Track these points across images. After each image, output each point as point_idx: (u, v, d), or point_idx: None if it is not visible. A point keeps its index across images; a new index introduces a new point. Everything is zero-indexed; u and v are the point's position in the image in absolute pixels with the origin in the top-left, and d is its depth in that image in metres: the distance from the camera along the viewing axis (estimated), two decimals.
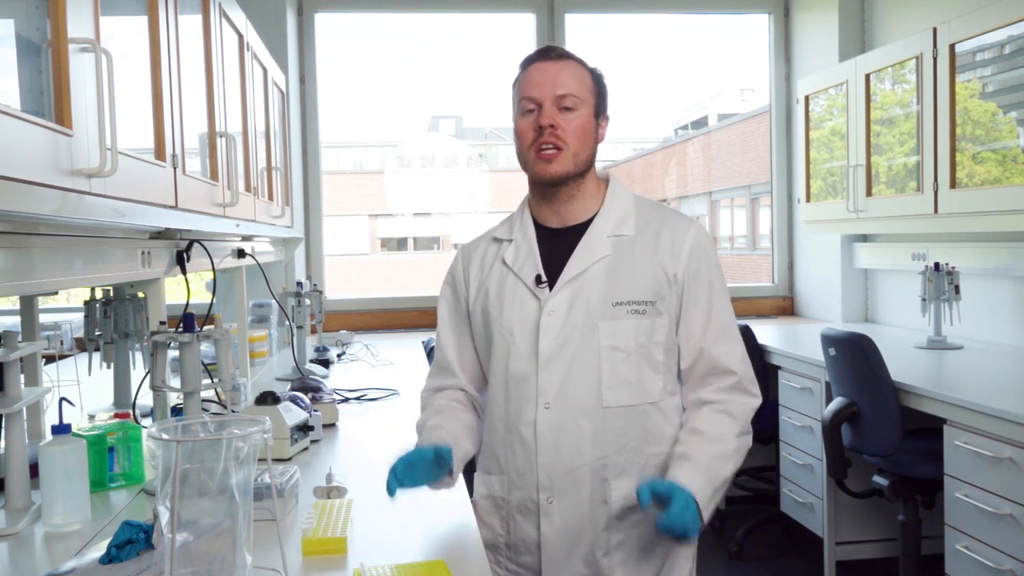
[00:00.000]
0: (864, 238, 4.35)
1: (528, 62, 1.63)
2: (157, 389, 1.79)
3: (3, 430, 1.68)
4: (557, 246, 1.65)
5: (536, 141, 1.58)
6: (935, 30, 3.16)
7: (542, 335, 1.60)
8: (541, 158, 1.58)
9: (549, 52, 1.62)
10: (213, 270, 2.29)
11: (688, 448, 1.56)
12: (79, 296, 3.49)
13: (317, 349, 3.63)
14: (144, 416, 2.23)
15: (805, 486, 3.53)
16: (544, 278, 1.62)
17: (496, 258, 1.70)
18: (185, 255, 2.11)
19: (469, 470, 1.82)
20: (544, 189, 1.64)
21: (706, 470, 1.53)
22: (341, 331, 4.24)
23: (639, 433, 1.60)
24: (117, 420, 1.93)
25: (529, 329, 1.61)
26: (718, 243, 12.37)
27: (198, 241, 2.19)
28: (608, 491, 1.59)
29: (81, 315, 2.52)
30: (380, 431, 2.42)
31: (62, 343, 3.18)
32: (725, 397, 1.61)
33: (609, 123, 1.67)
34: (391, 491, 1.48)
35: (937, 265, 3.50)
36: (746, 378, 1.63)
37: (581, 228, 1.65)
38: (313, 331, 4.00)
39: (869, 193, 3.69)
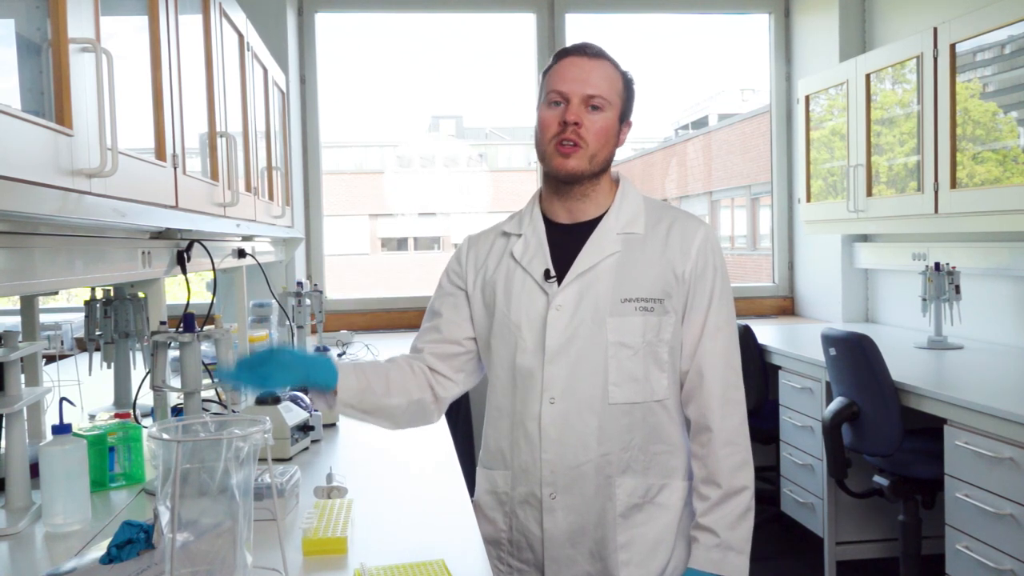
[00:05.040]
0: (864, 238, 4.35)
1: (563, 55, 1.62)
2: (157, 389, 1.79)
3: (3, 430, 1.68)
4: (566, 242, 1.64)
5: (558, 135, 1.58)
6: (935, 30, 3.16)
7: (549, 330, 1.60)
8: (559, 151, 1.58)
9: (585, 49, 1.61)
10: (213, 270, 2.29)
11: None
12: (79, 296, 3.49)
13: (317, 349, 3.63)
14: (144, 416, 2.23)
15: (805, 486, 3.53)
16: (553, 273, 1.62)
17: (504, 252, 1.69)
18: (185, 255, 2.11)
19: (470, 468, 1.82)
20: (558, 184, 1.64)
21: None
22: (341, 331, 4.23)
23: (644, 430, 1.60)
24: (117, 420, 1.93)
25: (536, 324, 1.61)
26: None
27: (198, 241, 2.19)
28: (613, 488, 1.59)
29: (81, 315, 2.52)
30: (380, 431, 2.42)
31: (62, 343, 3.18)
32: (705, 452, 1.61)
33: (631, 129, 1.67)
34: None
35: (937, 265, 3.49)
36: (728, 429, 1.61)
37: (591, 225, 1.65)
38: (313, 331, 3.99)
39: (869, 193, 3.69)
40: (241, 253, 2.81)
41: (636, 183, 1.73)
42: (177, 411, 2.00)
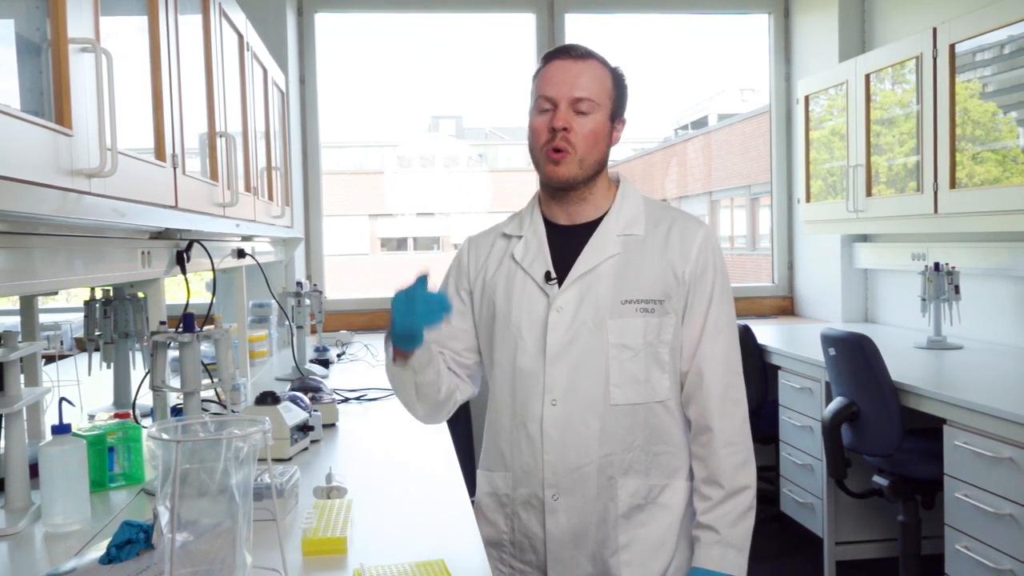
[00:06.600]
0: (864, 238, 4.35)
1: (549, 58, 1.61)
2: (157, 389, 1.79)
3: (3, 430, 1.68)
4: (566, 243, 1.64)
5: (548, 142, 1.58)
6: (935, 30, 3.16)
7: (550, 332, 1.60)
8: (550, 159, 1.58)
9: (571, 51, 1.60)
10: (213, 270, 2.29)
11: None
12: (79, 296, 3.48)
13: (317, 349, 3.63)
14: (144, 416, 2.23)
15: (805, 486, 3.53)
16: (554, 275, 1.62)
17: (504, 254, 1.69)
18: (185, 255, 2.11)
19: (470, 469, 1.82)
20: (554, 190, 1.64)
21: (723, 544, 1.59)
22: (341, 331, 4.24)
23: (646, 431, 1.60)
24: (117, 420, 1.93)
25: (537, 326, 1.61)
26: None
27: (198, 241, 2.19)
28: (615, 489, 1.59)
29: (81, 315, 2.52)
30: (380, 431, 2.42)
31: (62, 343, 3.18)
32: (707, 454, 1.61)
33: (626, 126, 1.66)
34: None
35: (937, 265, 3.50)
36: (728, 429, 1.61)
37: (591, 226, 1.64)
38: (313, 331, 3.99)
39: (869, 193, 3.69)
40: (241, 253, 2.81)
41: (636, 183, 1.73)
42: (177, 411, 2.00)
